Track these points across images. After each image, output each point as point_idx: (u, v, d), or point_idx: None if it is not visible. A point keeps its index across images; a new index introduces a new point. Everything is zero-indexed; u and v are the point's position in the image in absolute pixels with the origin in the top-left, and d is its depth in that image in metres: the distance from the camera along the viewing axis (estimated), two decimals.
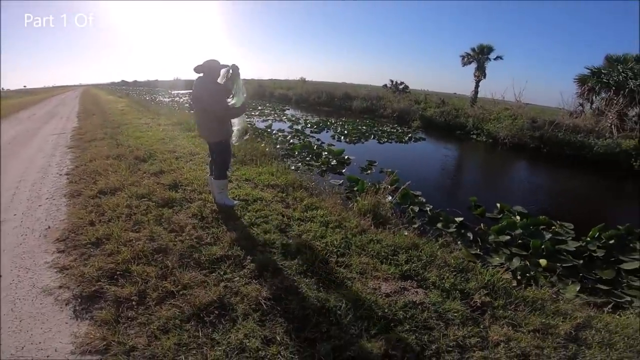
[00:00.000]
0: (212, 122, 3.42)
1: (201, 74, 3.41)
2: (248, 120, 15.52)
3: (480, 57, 22.36)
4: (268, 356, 1.82)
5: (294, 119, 17.07)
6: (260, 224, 3.35)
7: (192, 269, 2.57)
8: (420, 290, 2.53)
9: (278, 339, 1.94)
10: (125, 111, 13.36)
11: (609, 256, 4.69)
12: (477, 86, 23.05)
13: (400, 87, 28.61)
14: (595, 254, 4.73)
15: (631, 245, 5.12)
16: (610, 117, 13.96)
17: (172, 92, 36.17)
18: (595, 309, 2.66)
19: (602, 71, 14.77)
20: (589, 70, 15.35)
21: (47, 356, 1.87)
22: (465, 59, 22.97)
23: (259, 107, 23.00)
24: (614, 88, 14.14)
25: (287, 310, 2.17)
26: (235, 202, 3.80)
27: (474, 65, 22.89)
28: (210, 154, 3.78)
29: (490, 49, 22.15)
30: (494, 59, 22.42)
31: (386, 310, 2.23)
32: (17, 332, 2.03)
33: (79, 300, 2.28)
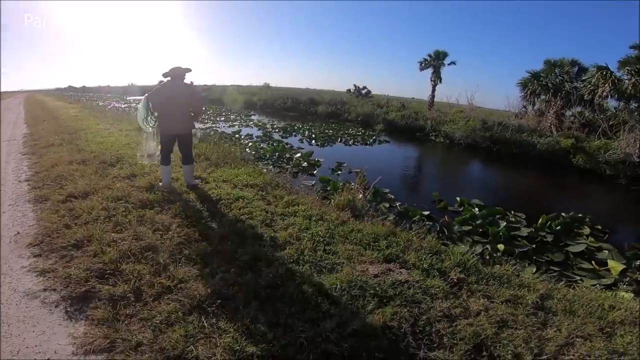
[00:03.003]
0: (185, 116, 4.08)
1: (168, 78, 3.96)
2: (215, 126, 15.27)
3: (436, 62, 23.69)
4: (277, 338, 1.91)
5: (260, 124, 17.04)
6: (245, 220, 3.42)
7: (184, 264, 2.59)
8: (403, 271, 2.76)
9: (282, 322, 2.04)
10: (80, 117, 12.58)
11: (557, 241, 5.28)
12: (433, 90, 24.39)
13: (363, 92, 29.52)
14: (545, 239, 5.30)
15: (575, 230, 5.81)
16: (550, 117, 15.49)
17: (128, 98, 34.25)
18: (552, 284, 2.98)
19: (541, 75, 16.31)
20: (529, 74, 16.87)
21: (48, 359, 1.81)
22: (423, 64, 24.22)
23: (224, 113, 22.60)
24: (552, 90, 15.68)
25: (285, 296, 2.28)
26: (197, 181, 4.50)
27: (430, 71, 24.21)
28: (179, 145, 4.29)
29: (445, 55, 23.56)
30: (449, 64, 23.88)
31: (377, 289, 2.42)
32: (8, 336, 1.94)
33: (69, 301, 2.23)
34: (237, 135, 12.48)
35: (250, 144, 10.78)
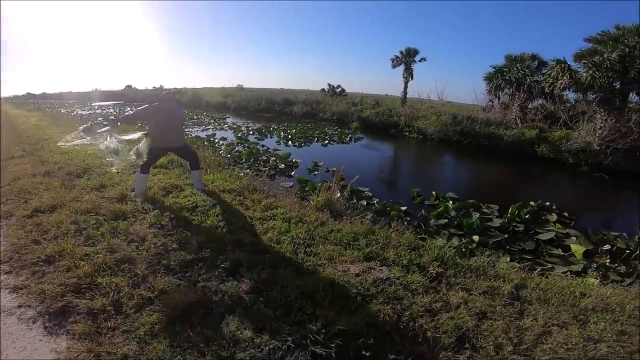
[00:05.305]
0: (180, 131, 4.53)
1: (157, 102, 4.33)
2: (187, 130, 14.91)
3: (407, 59, 24.16)
4: (264, 343, 1.92)
5: (235, 126, 16.76)
6: (224, 226, 3.38)
7: (164, 274, 2.54)
8: (384, 268, 2.82)
9: (268, 326, 2.05)
10: (41, 126, 11.93)
11: (527, 230, 5.50)
12: (406, 87, 24.88)
13: (338, 90, 29.66)
14: (517, 229, 5.52)
15: (543, 218, 6.09)
16: (514, 110, 16.19)
17: (94, 104, 32.58)
18: (525, 273, 3.11)
19: (504, 69, 16.98)
20: (493, 69, 17.53)
21: None
22: (395, 62, 24.65)
23: (195, 117, 22.06)
24: (515, 84, 16.37)
25: (269, 300, 2.29)
26: (206, 188, 4.59)
27: (402, 68, 24.67)
28: (181, 155, 4.74)
29: (415, 52, 24.06)
30: (419, 61, 24.40)
31: (359, 288, 2.46)
32: None
33: (47, 316, 2.17)
34: (211, 139, 12.26)
35: (225, 147, 10.62)
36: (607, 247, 4.89)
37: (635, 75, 11.50)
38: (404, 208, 5.96)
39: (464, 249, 4.41)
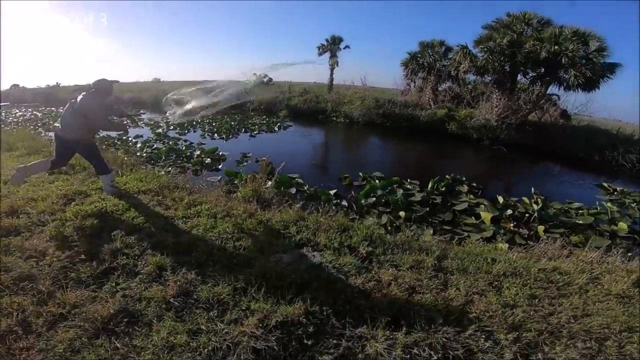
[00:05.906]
0: (84, 126, 3.76)
1: (92, 89, 3.83)
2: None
3: (333, 47, 24.55)
4: (200, 346, 1.82)
5: (152, 122, 15.32)
6: (142, 230, 3.08)
7: (74, 288, 2.26)
8: (316, 254, 2.86)
9: (204, 328, 1.95)
10: None
11: (445, 202, 5.98)
12: (332, 74, 25.34)
13: (265, 80, 28.93)
14: (435, 201, 5.99)
15: (457, 189, 6.73)
16: (427, 92, 17.62)
17: None
18: (445, 244, 3.37)
19: (418, 55, 18.30)
20: (409, 55, 18.78)
21: None
22: (321, 49, 24.87)
23: None
24: (427, 69, 17.77)
25: (200, 301, 2.17)
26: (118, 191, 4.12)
27: (328, 55, 25.01)
28: (82, 154, 4.07)
29: (340, 40, 24.52)
30: (344, 48, 24.99)
31: (293, 276, 2.44)
32: None
33: None
34: (123, 138, 11.06)
35: (140, 145, 9.69)
36: (510, 212, 5.43)
37: (522, 59, 13.22)
38: (333, 191, 6.07)
39: (389, 226, 4.68)
